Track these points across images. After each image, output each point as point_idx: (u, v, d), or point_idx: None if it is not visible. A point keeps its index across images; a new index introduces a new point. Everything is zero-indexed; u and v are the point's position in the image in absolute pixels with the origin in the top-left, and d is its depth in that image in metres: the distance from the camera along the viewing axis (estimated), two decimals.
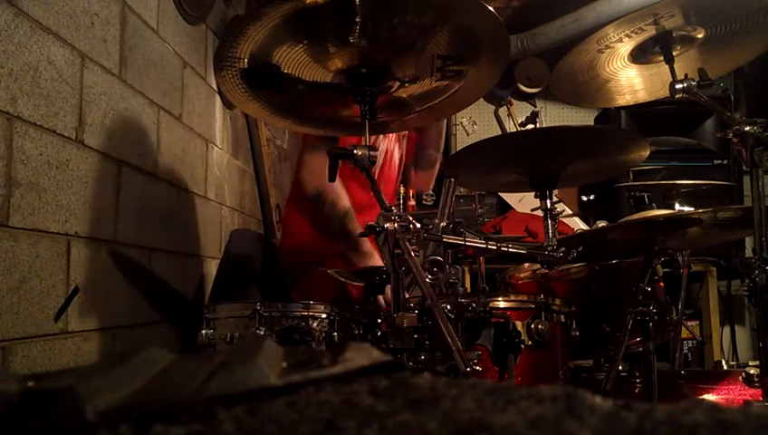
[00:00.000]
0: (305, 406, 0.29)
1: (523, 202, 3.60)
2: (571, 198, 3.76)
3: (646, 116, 3.35)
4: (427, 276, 1.22)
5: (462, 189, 3.48)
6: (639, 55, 1.52)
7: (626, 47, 1.49)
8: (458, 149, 1.67)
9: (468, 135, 4.09)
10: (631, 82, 1.64)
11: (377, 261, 1.95)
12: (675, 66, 1.42)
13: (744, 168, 1.34)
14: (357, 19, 1.17)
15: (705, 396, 1.73)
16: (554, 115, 4.04)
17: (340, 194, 1.98)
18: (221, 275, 2.25)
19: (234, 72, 1.29)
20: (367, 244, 1.96)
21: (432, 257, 1.27)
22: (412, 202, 4.50)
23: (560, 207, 1.48)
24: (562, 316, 1.53)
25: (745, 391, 1.70)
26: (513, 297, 1.50)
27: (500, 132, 2.16)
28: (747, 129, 1.27)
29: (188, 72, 2.24)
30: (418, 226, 1.24)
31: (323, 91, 1.38)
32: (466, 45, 1.28)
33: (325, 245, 2.05)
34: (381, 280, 1.44)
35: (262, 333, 1.39)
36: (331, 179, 1.79)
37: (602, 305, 1.83)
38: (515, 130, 2.02)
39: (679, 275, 2.10)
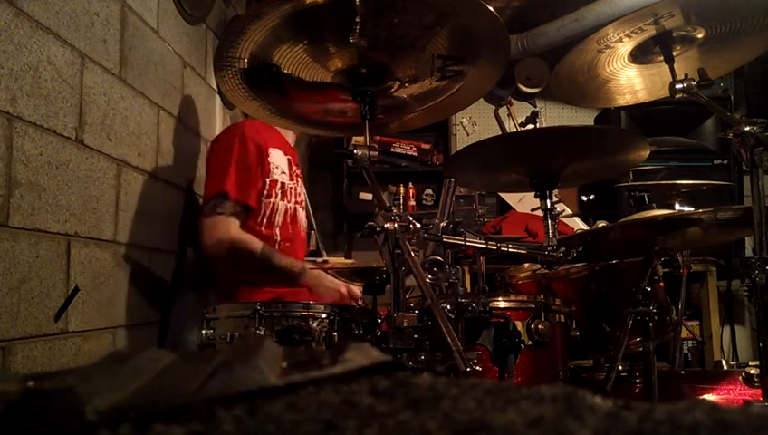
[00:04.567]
0: (305, 406, 0.29)
1: (523, 202, 3.61)
2: (571, 198, 3.77)
3: (646, 116, 3.36)
4: (427, 276, 1.22)
5: (462, 189, 3.49)
6: (639, 55, 1.52)
7: (626, 47, 1.49)
8: (458, 149, 1.67)
9: (468, 135, 4.09)
10: (631, 82, 1.64)
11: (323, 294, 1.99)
12: (675, 66, 1.42)
13: (744, 168, 1.34)
14: (357, 19, 1.17)
15: (705, 396, 1.73)
16: (554, 115, 4.04)
17: (249, 239, 2.00)
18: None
19: (234, 72, 1.29)
20: (311, 277, 1.99)
21: (432, 257, 1.27)
22: (412, 202, 4.50)
23: (560, 207, 1.48)
24: (562, 316, 1.53)
25: (745, 391, 1.70)
26: (513, 297, 1.50)
27: (500, 132, 2.16)
28: (747, 129, 1.27)
29: (188, 72, 2.24)
30: (418, 226, 1.24)
31: (323, 91, 1.38)
32: (466, 45, 1.28)
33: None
34: (381, 280, 1.44)
35: (262, 333, 1.39)
36: None
37: (602, 305, 1.83)
38: (515, 130, 2.02)
39: (679, 275, 2.10)
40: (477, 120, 4.10)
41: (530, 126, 1.74)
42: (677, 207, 2.03)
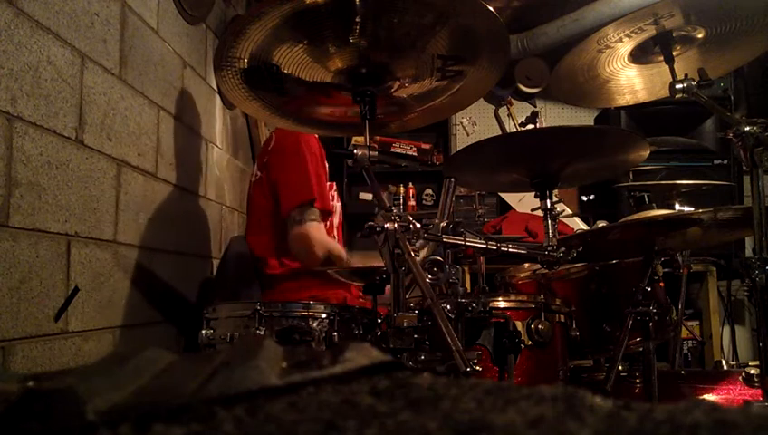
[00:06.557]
0: (305, 406, 0.29)
1: (523, 202, 3.61)
2: (571, 198, 3.77)
3: (646, 116, 3.36)
4: (426, 276, 1.22)
5: (462, 189, 3.49)
6: (639, 55, 1.52)
7: (626, 47, 1.49)
8: (458, 150, 1.67)
9: (468, 135, 4.09)
10: (631, 82, 1.64)
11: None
12: (675, 66, 1.42)
13: (744, 168, 1.34)
14: (357, 19, 1.17)
15: (705, 396, 1.73)
16: (554, 115, 4.04)
17: (336, 244, 2.09)
18: (220, 280, 2.26)
19: (234, 72, 1.29)
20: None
21: (432, 257, 1.27)
22: (412, 202, 4.51)
23: (560, 207, 1.48)
24: (562, 316, 1.53)
25: (745, 391, 1.70)
26: (513, 297, 1.50)
27: (500, 132, 2.16)
28: (747, 129, 1.27)
29: (188, 72, 2.24)
30: (418, 226, 1.24)
31: (323, 91, 1.38)
32: (466, 45, 1.28)
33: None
34: (381, 280, 1.44)
35: (262, 333, 1.39)
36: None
37: (602, 305, 1.83)
38: (515, 130, 2.02)
39: (679, 275, 2.11)
40: (477, 120, 4.10)
41: (530, 126, 1.74)
42: (677, 207, 2.03)
